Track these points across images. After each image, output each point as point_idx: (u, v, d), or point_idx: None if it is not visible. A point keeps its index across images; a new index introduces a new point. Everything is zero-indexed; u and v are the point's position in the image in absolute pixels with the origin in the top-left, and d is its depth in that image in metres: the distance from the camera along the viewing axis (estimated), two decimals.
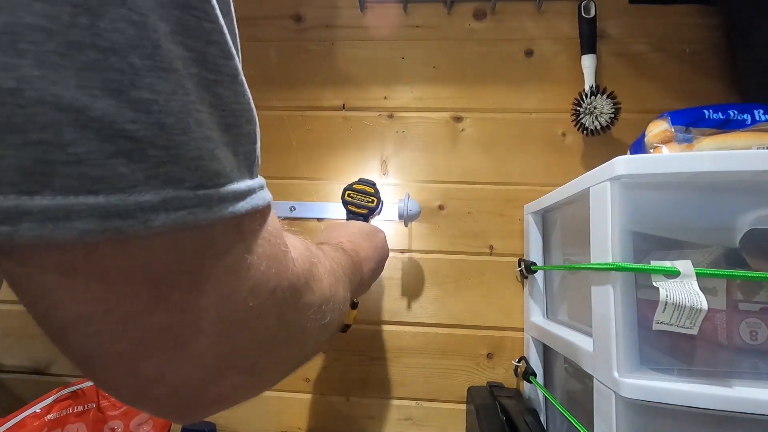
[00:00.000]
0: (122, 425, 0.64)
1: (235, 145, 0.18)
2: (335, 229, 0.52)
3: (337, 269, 0.33)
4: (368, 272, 0.47)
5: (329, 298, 0.28)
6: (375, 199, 0.60)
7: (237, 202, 0.17)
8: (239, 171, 0.18)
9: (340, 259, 0.37)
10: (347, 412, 0.77)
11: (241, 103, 0.19)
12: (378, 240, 0.53)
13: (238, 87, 0.19)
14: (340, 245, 0.43)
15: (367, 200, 0.60)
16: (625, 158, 0.40)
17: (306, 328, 0.25)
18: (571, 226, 0.63)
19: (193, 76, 0.16)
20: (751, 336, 0.39)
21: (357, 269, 0.42)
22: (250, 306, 0.19)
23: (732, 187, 0.40)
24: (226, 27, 0.18)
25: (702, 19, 0.78)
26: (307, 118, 0.83)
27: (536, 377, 0.67)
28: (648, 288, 0.39)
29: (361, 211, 0.60)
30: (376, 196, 0.61)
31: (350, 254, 0.42)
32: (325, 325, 0.28)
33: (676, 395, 0.38)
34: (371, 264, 0.47)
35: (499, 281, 0.77)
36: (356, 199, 0.60)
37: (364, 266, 0.45)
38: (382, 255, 0.52)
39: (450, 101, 0.81)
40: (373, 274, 0.49)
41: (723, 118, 0.53)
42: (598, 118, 0.70)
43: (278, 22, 0.85)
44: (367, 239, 0.50)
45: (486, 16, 0.82)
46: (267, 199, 0.20)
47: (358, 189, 0.61)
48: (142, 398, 0.19)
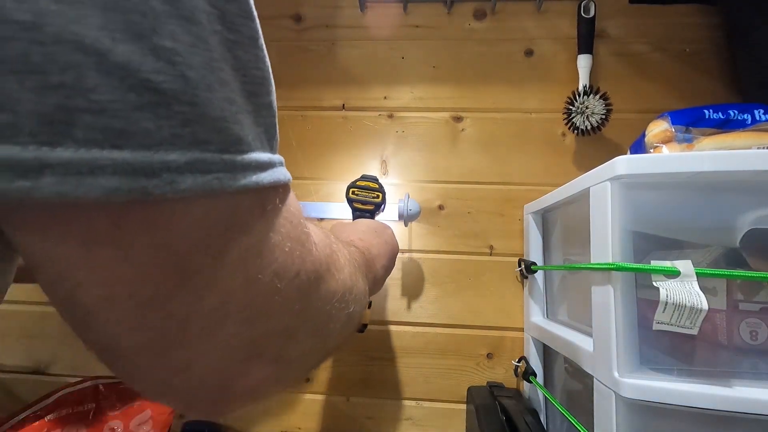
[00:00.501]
0: (122, 425, 0.64)
1: (256, 114, 0.17)
2: (344, 229, 0.50)
3: (355, 262, 0.32)
4: (381, 269, 0.45)
5: (351, 287, 0.27)
6: (380, 194, 0.59)
7: (260, 172, 0.16)
8: (260, 142, 0.17)
9: (354, 253, 0.36)
10: (347, 412, 0.77)
11: (262, 70, 0.18)
12: (387, 236, 0.51)
13: (259, 51, 0.18)
14: (352, 243, 0.41)
15: (372, 196, 0.59)
16: (625, 158, 0.40)
17: (331, 316, 0.24)
18: (571, 226, 0.63)
19: (217, 34, 0.15)
20: (751, 336, 0.39)
21: (371, 266, 0.41)
22: (277, 288, 0.18)
23: (732, 187, 0.40)
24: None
25: (702, 19, 0.78)
26: (307, 118, 0.83)
27: (536, 377, 0.67)
28: (648, 288, 0.39)
29: (367, 208, 0.59)
30: (381, 191, 0.60)
31: (363, 251, 0.40)
32: (349, 315, 0.27)
33: (676, 395, 0.38)
34: (383, 260, 0.46)
35: (499, 281, 0.77)
36: (361, 195, 0.59)
37: (377, 263, 0.44)
38: (392, 251, 0.51)
39: (450, 101, 0.81)
40: (385, 271, 0.48)
41: (723, 118, 0.53)
42: (589, 118, 0.70)
43: (278, 22, 0.85)
44: (377, 236, 0.49)
45: (486, 16, 0.82)
46: (288, 176, 0.19)
47: (361, 185, 0.59)
48: (168, 391, 0.18)
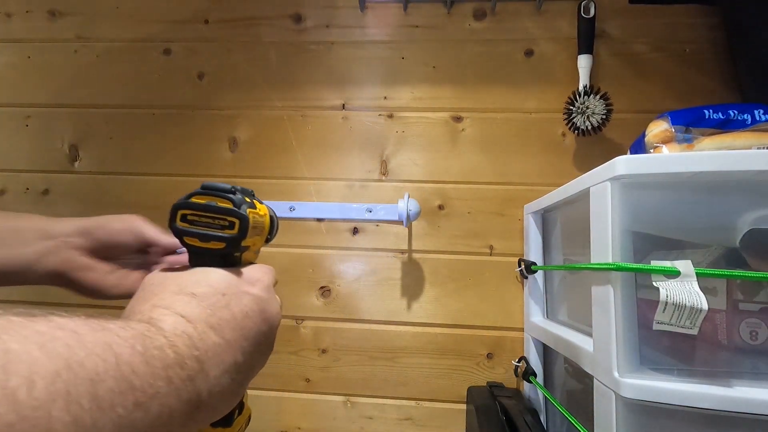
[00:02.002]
0: None
1: None
2: (153, 288, 0.27)
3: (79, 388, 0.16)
4: (223, 374, 0.24)
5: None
6: (236, 222, 0.31)
7: None
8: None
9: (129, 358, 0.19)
10: (347, 412, 0.77)
11: None
12: (246, 302, 0.28)
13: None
14: (153, 322, 0.23)
15: (219, 224, 0.31)
16: (625, 158, 0.40)
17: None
18: (571, 226, 0.63)
19: None
20: (751, 336, 0.39)
21: (190, 375, 0.21)
22: None
23: (732, 187, 0.40)
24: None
25: (702, 19, 0.78)
26: (307, 118, 0.83)
27: (536, 377, 0.67)
28: (648, 288, 0.39)
29: (212, 247, 0.30)
30: (238, 215, 0.31)
31: (172, 343, 0.21)
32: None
33: (676, 395, 0.38)
34: (228, 356, 0.25)
35: (499, 281, 0.77)
36: (199, 224, 0.31)
37: (211, 364, 0.23)
38: (260, 331, 0.29)
39: (450, 101, 0.81)
40: (235, 376, 0.25)
41: (723, 118, 0.53)
42: (589, 118, 0.70)
43: (278, 22, 0.85)
44: (222, 306, 0.26)
45: (486, 16, 0.82)
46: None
47: (200, 204, 0.31)
48: None
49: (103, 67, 0.87)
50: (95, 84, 0.86)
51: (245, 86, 0.84)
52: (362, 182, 0.81)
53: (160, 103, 0.85)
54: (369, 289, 0.79)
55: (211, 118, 0.84)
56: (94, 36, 0.88)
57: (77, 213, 0.85)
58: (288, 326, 0.79)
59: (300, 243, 0.80)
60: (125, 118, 0.86)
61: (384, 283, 0.78)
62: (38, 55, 0.88)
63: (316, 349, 0.78)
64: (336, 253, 0.80)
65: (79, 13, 0.88)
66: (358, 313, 0.78)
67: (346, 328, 0.78)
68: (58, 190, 0.85)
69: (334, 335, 0.78)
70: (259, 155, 0.83)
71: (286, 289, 0.80)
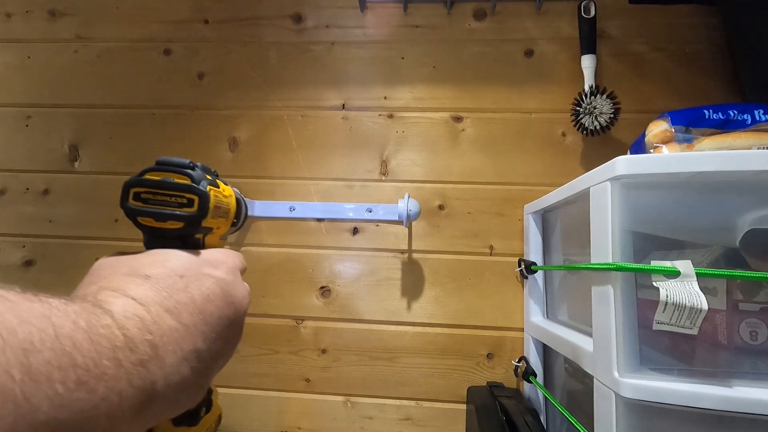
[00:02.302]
0: None
1: None
2: (104, 271, 0.24)
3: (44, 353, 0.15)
4: (179, 362, 0.22)
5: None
6: (195, 199, 0.28)
7: None
8: None
9: (65, 340, 0.16)
10: (347, 412, 0.77)
11: None
12: (207, 285, 0.25)
13: None
14: (99, 303, 0.20)
15: (177, 201, 0.28)
16: (625, 158, 0.40)
17: None
18: (571, 226, 0.63)
19: None
20: (751, 336, 0.39)
21: (139, 361, 0.19)
22: None
23: (732, 187, 0.40)
24: None
25: (702, 19, 0.78)
26: (307, 118, 0.83)
27: (536, 377, 0.67)
28: (648, 288, 0.39)
29: (169, 227, 0.28)
30: (197, 192, 0.28)
31: (122, 326, 0.19)
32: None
33: (676, 395, 0.38)
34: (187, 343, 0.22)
35: (499, 281, 0.77)
36: (155, 203, 0.28)
37: (167, 350, 0.21)
38: (222, 315, 0.26)
39: (450, 101, 0.81)
40: (194, 364, 0.23)
41: (723, 118, 0.53)
42: (597, 119, 0.70)
43: (278, 22, 0.85)
44: (183, 290, 0.24)
45: (486, 16, 0.82)
46: None
47: (154, 181, 0.28)
48: None
49: (103, 67, 0.87)
50: (95, 84, 0.86)
51: (245, 86, 0.84)
52: (362, 182, 0.81)
53: (160, 103, 0.85)
54: (369, 289, 0.79)
55: (211, 118, 0.84)
56: (94, 36, 0.88)
57: (77, 213, 0.85)
58: (288, 326, 0.79)
59: (300, 243, 0.80)
60: (125, 118, 0.86)
61: (384, 283, 0.78)
62: (38, 55, 0.88)
63: (316, 349, 0.78)
64: (336, 253, 0.80)
65: (79, 13, 0.88)
66: (358, 313, 0.78)
67: (346, 328, 0.78)
68: (58, 190, 0.85)
69: (334, 335, 0.78)
70: (259, 155, 0.83)
71: (286, 289, 0.80)
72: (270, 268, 0.80)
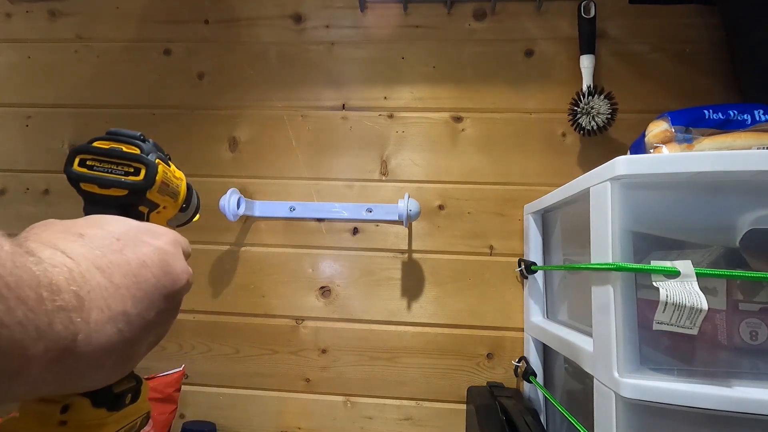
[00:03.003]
0: None
1: None
2: (39, 229, 0.24)
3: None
4: (108, 321, 0.21)
5: None
6: (142, 168, 0.29)
7: None
8: None
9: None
10: (347, 412, 0.77)
11: None
12: (145, 251, 0.25)
13: None
14: (28, 248, 0.19)
15: (124, 170, 0.29)
16: (625, 158, 0.40)
17: None
18: (571, 226, 0.63)
19: None
20: (751, 336, 0.39)
21: (63, 303, 0.18)
22: None
23: (732, 187, 0.40)
24: None
25: (702, 19, 0.78)
26: (307, 118, 0.83)
27: (536, 377, 0.67)
28: (648, 288, 0.39)
29: (112, 194, 0.28)
30: (144, 161, 0.29)
31: (46, 269, 0.18)
32: None
33: (676, 395, 0.38)
34: (117, 302, 0.22)
35: (499, 281, 0.77)
36: (100, 170, 0.28)
37: (92, 304, 0.20)
38: (158, 283, 0.24)
39: (450, 101, 0.81)
40: (125, 327, 0.22)
41: (723, 118, 0.53)
42: (594, 119, 0.70)
43: (278, 22, 0.85)
44: (115, 249, 0.23)
45: (486, 16, 0.82)
46: None
47: (102, 149, 0.29)
48: None
49: (103, 67, 0.87)
50: (95, 84, 0.86)
51: (245, 86, 0.84)
52: (362, 182, 0.81)
53: (159, 103, 0.85)
54: (369, 289, 0.79)
55: (211, 118, 0.84)
56: (94, 36, 0.87)
57: (77, 213, 0.85)
58: (288, 326, 0.79)
59: (300, 243, 0.80)
60: (125, 118, 0.86)
61: (384, 283, 0.79)
62: (38, 55, 0.88)
63: (316, 349, 0.78)
64: (336, 253, 0.80)
65: (79, 13, 0.88)
66: (358, 313, 0.78)
67: (346, 328, 0.78)
68: (58, 190, 0.85)
69: (334, 335, 0.78)
70: (259, 155, 0.83)
71: (286, 289, 0.80)
72: (270, 268, 0.80)
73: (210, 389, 0.79)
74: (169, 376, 0.70)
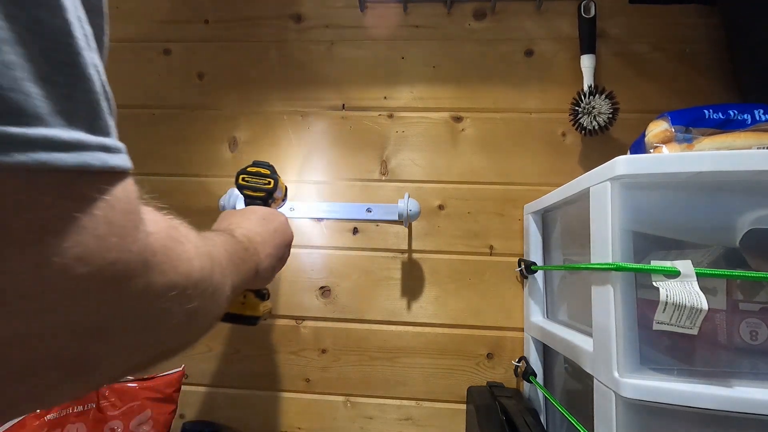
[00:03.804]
0: (122, 425, 0.64)
1: (69, 87, 0.16)
2: (227, 217, 0.48)
3: (215, 252, 0.30)
4: (266, 257, 0.44)
5: (199, 281, 0.25)
6: (272, 181, 0.56)
7: (54, 152, 0.15)
8: (69, 119, 0.15)
9: (224, 243, 0.35)
10: (347, 412, 0.77)
11: (74, 38, 0.16)
12: (276, 223, 0.49)
13: (66, 20, 0.15)
14: (230, 231, 0.41)
15: (263, 183, 0.56)
16: (625, 158, 0.40)
17: (164, 312, 0.22)
18: (571, 226, 0.63)
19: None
20: (751, 336, 0.39)
21: (250, 255, 0.40)
22: (78, 274, 0.16)
23: (732, 187, 0.40)
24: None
25: (702, 19, 0.78)
26: (307, 118, 0.83)
27: (536, 377, 0.67)
28: (648, 288, 0.39)
29: (258, 195, 0.56)
30: (273, 177, 0.57)
31: (240, 239, 0.39)
32: (192, 311, 0.24)
33: (676, 395, 0.38)
34: (268, 249, 0.45)
35: (499, 281, 0.77)
36: (251, 182, 0.56)
37: (261, 251, 0.43)
38: (282, 239, 0.49)
39: (450, 101, 0.81)
40: (273, 260, 0.46)
41: (723, 118, 0.53)
42: (596, 118, 0.70)
43: (278, 22, 0.85)
44: (263, 224, 0.47)
45: (486, 16, 0.82)
46: (110, 163, 0.18)
47: (252, 172, 0.57)
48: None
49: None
50: None
51: (245, 86, 0.84)
52: (362, 182, 0.81)
53: (159, 103, 0.85)
54: (369, 289, 0.79)
55: (211, 118, 0.84)
56: None
57: None
58: (288, 326, 0.79)
59: (300, 243, 0.80)
60: (125, 118, 0.86)
61: (384, 283, 0.79)
62: None
63: (316, 349, 0.78)
64: (336, 253, 0.80)
65: None
66: (358, 313, 0.78)
67: (346, 328, 0.78)
68: None
69: (334, 335, 0.78)
70: (259, 155, 0.83)
71: (286, 289, 0.80)
72: None
73: (210, 389, 0.79)
74: (169, 376, 0.70)
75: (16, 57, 0.14)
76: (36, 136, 0.14)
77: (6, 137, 0.13)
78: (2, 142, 0.13)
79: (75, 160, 0.15)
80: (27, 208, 0.15)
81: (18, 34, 0.14)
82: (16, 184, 0.14)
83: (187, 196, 0.82)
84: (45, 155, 0.14)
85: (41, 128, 0.14)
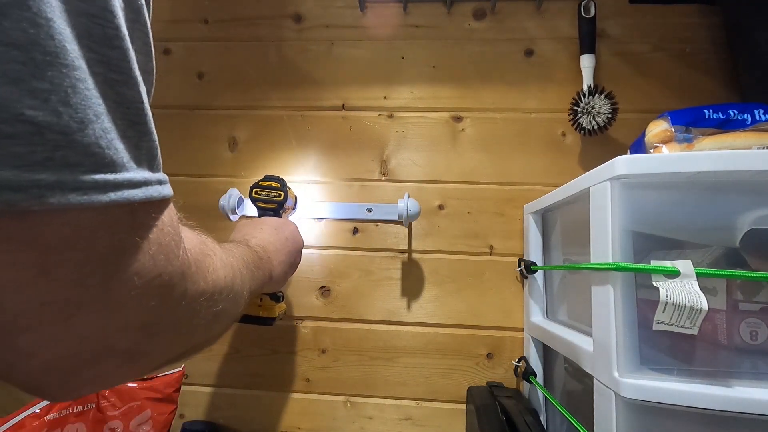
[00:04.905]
0: (122, 425, 0.64)
1: (138, 139, 0.20)
2: (242, 228, 0.54)
3: (235, 263, 0.35)
4: (279, 264, 0.50)
5: (224, 288, 0.30)
6: (282, 193, 0.62)
7: (131, 189, 0.19)
8: (138, 163, 0.20)
9: (242, 253, 0.40)
10: (347, 412, 0.77)
11: (143, 103, 0.20)
12: (287, 232, 0.55)
13: (138, 88, 0.20)
14: (246, 241, 0.46)
15: (274, 195, 0.62)
16: (625, 158, 0.40)
17: (197, 314, 0.27)
18: (571, 226, 0.63)
19: (98, 75, 0.18)
20: (751, 336, 0.39)
21: (264, 263, 0.45)
22: (135, 285, 0.20)
23: (732, 187, 0.40)
24: (131, 34, 0.20)
25: (702, 18, 0.78)
26: (307, 118, 0.83)
27: (536, 377, 0.67)
28: (648, 288, 0.39)
29: (270, 206, 0.62)
30: (283, 190, 0.62)
31: (255, 249, 0.45)
32: (217, 313, 0.30)
33: (676, 395, 0.38)
34: (281, 256, 0.51)
35: (499, 281, 0.77)
36: (263, 195, 0.62)
37: (274, 259, 0.49)
38: (294, 246, 0.55)
39: (450, 101, 0.81)
40: (285, 267, 0.52)
41: (723, 118, 0.53)
42: (595, 118, 0.70)
43: (278, 22, 0.85)
44: (276, 233, 0.53)
45: (486, 15, 0.82)
46: (163, 193, 0.22)
47: (263, 185, 0.62)
48: (12, 372, 0.20)
49: None
50: None
51: (245, 86, 0.84)
52: (362, 182, 0.81)
53: (159, 103, 0.85)
54: (369, 289, 0.79)
55: (211, 118, 0.84)
56: None
57: None
58: (288, 326, 0.79)
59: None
60: None
61: (384, 283, 0.78)
62: None
63: (316, 349, 0.78)
64: (336, 253, 0.80)
65: None
66: (358, 313, 0.78)
67: (345, 328, 0.78)
68: None
69: (334, 335, 0.78)
70: (259, 155, 0.83)
71: (286, 288, 0.80)
72: None
73: (210, 389, 0.79)
74: (168, 376, 0.70)
75: (110, 124, 0.18)
76: (122, 179, 0.19)
77: (107, 182, 0.18)
78: (104, 186, 0.18)
79: (144, 194, 0.20)
80: (107, 234, 0.19)
81: (109, 107, 0.18)
82: (109, 216, 0.19)
83: (187, 195, 0.82)
84: (127, 192, 0.19)
85: (124, 173, 0.19)
